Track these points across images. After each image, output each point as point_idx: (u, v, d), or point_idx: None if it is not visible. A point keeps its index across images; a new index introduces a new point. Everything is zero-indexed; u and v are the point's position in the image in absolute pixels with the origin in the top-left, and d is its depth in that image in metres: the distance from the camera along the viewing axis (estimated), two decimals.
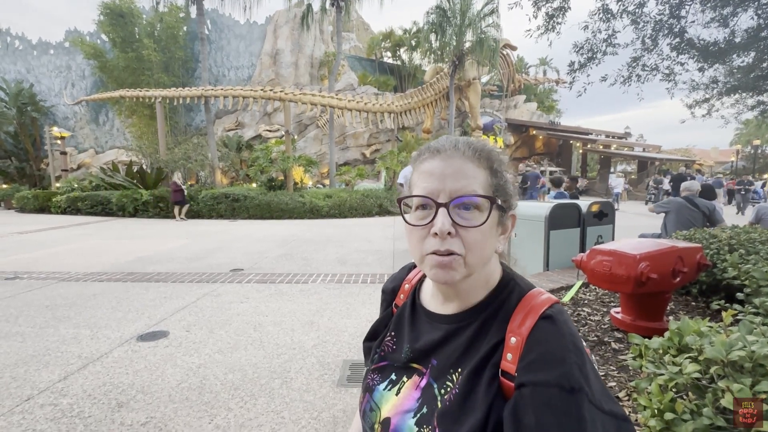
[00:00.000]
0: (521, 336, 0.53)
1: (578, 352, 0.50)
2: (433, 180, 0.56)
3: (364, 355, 0.79)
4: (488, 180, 0.57)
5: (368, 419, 0.65)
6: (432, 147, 0.60)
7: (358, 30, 32.05)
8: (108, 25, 19.91)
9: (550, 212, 4.20)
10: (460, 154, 0.57)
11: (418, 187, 0.58)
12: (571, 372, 0.48)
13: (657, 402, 1.03)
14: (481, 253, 0.56)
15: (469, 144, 0.59)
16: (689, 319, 1.29)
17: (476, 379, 0.54)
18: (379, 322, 0.77)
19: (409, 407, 0.60)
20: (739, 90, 7.09)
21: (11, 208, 16.51)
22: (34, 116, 22.44)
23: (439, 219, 0.54)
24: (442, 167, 0.56)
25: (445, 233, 0.53)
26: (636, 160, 25.00)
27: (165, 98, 16.06)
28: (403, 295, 0.75)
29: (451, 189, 0.55)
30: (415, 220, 0.57)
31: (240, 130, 21.82)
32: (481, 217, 0.55)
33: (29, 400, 2.20)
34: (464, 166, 0.56)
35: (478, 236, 0.55)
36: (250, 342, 2.99)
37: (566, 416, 0.45)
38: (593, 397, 0.48)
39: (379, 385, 0.67)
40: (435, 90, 18.84)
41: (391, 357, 0.69)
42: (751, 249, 2.66)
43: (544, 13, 6.73)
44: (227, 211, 12.24)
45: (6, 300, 4.06)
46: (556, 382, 0.47)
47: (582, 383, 0.47)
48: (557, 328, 0.52)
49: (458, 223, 0.54)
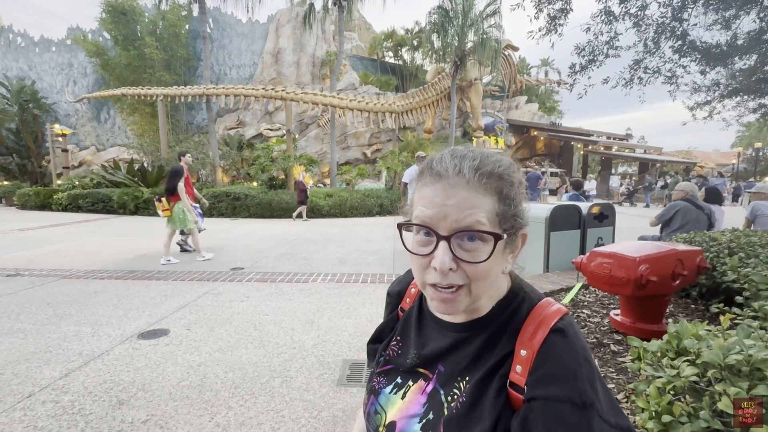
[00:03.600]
0: (532, 349, 0.52)
1: (589, 367, 0.50)
2: (433, 209, 0.52)
3: (368, 356, 0.79)
4: (495, 208, 0.53)
5: (373, 422, 0.65)
6: (434, 169, 0.54)
7: (360, 29, 32.05)
8: (110, 23, 19.95)
9: (551, 214, 4.20)
10: (465, 182, 0.52)
11: (417, 211, 0.54)
12: (583, 387, 0.47)
13: (655, 404, 1.04)
14: (486, 282, 0.53)
15: (475, 169, 0.52)
16: (688, 322, 1.30)
17: (484, 389, 0.54)
18: (385, 324, 0.77)
19: (415, 412, 0.60)
20: (741, 93, 7.09)
21: (12, 205, 16.55)
22: (35, 113, 22.48)
23: (438, 255, 0.51)
24: (443, 197, 0.52)
25: (446, 270, 0.51)
26: (637, 161, 24.98)
27: (167, 96, 16.09)
28: (410, 299, 0.74)
29: (452, 221, 0.51)
30: (416, 247, 0.54)
31: (241, 128, 21.85)
32: (485, 248, 0.51)
33: (30, 397, 2.21)
34: (468, 196, 0.51)
35: (481, 269, 0.52)
36: (250, 341, 3.00)
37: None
38: (602, 412, 0.48)
39: (385, 388, 0.66)
40: (436, 90, 18.84)
41: (396, 361, 0.68)
42: (751, 252, 2.66)
43: (546, 15, 6.75)
44: (228, 210, 12.26)
45: (7, 297, 4.07)
46: (567, 397, 0.47)
47: (593, 398, 0.47)
48: (569, 342, 0.51)
49: (460, 257, 0.51)
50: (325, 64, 23.43)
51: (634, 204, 18.64)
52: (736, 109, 7.87)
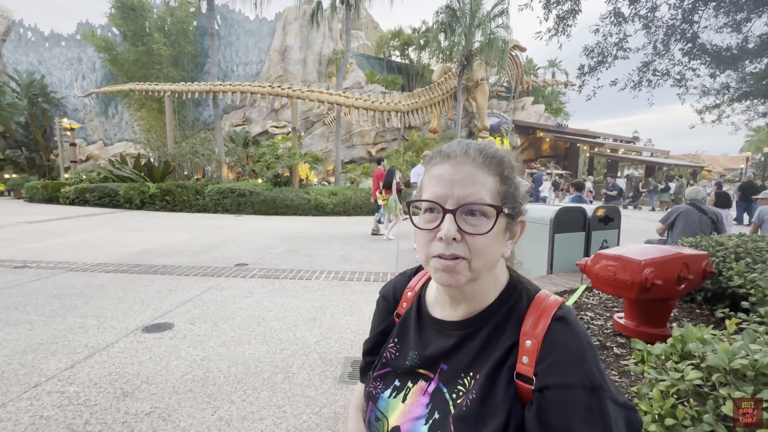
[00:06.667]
0: (536, 338, 0.53)
1: (592, 350, 0.52)
2: (441, 185, 0.56)
3: (362, 370, 0.78)
4: (497, 187, 0.57)
5: (374, 429, 0.64)
6: (443, 151, 0.60)
7: (367, 28, 32.03)
8: (119, 18, 20.05)
9: (555, 215, 4.18)
10: (471, 160, 0.57)
11: (427, 191, 0.58)
12: (591, 370, 0.49)
13: (658, 408, 1.04)
14: (486, 258, 0.56)
15: (480, 150, 0.58)
16: (693, 326, 1.29)
17: (493, 384, 0.54)
18: (379, 334, 0.75)
19: (418, 414, 0.59)
20: (751, 97, 7.02)
21: (21, 197, 16.73)
22: (44, 107, 22.67)
23: (445, 225, 0.54)
24: (451, 173, 0.56)
25: (450, 239, 0.54)
26: (644, 164, 24.78)
27: (174, 92, 16.17)
28: (406, 303, 0.74)
29: (458, 195, 0.55)
30: (423, 224, 0.58)
31: (247, 125, 21.91)
32: (487, 224, 0.55)
33: (37, 387, 2.24)
34: (473, 172, 0.56)
35: (483, 242, 0.55)
36: (253, 336, 3.02)
37: (592, 414, 0.47)
38: (611, 393, 0.49)
39: (383, 393, 0.65)
40: (442, 90, 18.79)
41: (393, 363, 0.67)
42: (758, 258, 2.63)
43: (554, 16, 6.71)
44: (233, 206, 12.31)
45: (15, 288, 4.12)
46: (579, 382, 0.48)
47: (602, 380, 0.49)
48: (571, 329, 0.53)
49: (464, 230, 0.54)
50: (331, 62, 23.44)
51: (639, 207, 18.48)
52: (746, 113, 7.80)
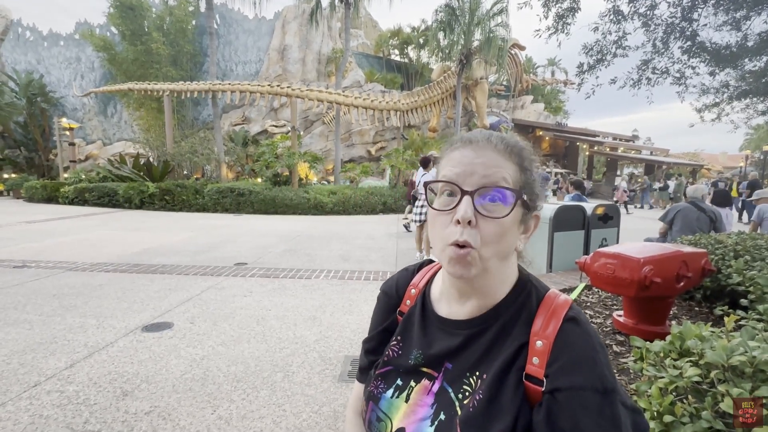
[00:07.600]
0: (548, 339, 0.52)
1: (604, 352, 0.51)
2: (461, 167, 0.56)
3: (361, 370, 0.74)
4: (517, 175, 0.57)
5: (375, 429, 0.62)
6: (465, 137, 0.60)
7: (366, 27, 31.97)
8: (118, 18, 20.01)
9: (555, 214, 4.19)
10: (492, 146, 0.57)
11: (445, 170, 0.57)
12: (603, 373, 0.48)
13: (657, 404, 1.04)
14: (497, 247, 0.54)
15: (501, 138, 0.58)
16: (692, 323, 1.29)
17: (502, 384, 0.53)
18: (381, 332, 0.73)
19: (423, 414, 0.57)
20: (750, 95, 7.02)
21: (20, 197, 16.71)
22: (43, 107, 22.62)
23: (462, 206, 0.53)
24: (472, 156, 0.56)
25: (466, 221, 0.52)
26: (643, 163, 24.79)
27: (173, 92, 16.14)
28: (410, 300, 0.71)
29: (478, 177, 0.54)
30: (440, 206, 0.57)
31: (246, 125, 21.90)
32: (504, 210, 0.54)
33: (36, 386, 2.24)
34: (495, 157, 0.56)
35: (497, 229, 0.53)
36: (252, 335, 3.02)
37: (604, 418, 0.46)
38: (621, 396, 0.49)
39: (385, 392, 0.63)
40: (442, 89, 18.76)
41: (395, 362, 0.65)
42: (757, 255, 2.64)
43: (554, 14, 6.71)
44: (232, 206, 12.31)
45: (14, 288, 4.12)
46: (590, 385, 0.47)
47: (613, 383, 0.48)
48: (582, 330, 0.52)
49: (480, 213, 0.53)
50: (330, 62, 23.40)
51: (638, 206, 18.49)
52: (745, 112, 7.81)
